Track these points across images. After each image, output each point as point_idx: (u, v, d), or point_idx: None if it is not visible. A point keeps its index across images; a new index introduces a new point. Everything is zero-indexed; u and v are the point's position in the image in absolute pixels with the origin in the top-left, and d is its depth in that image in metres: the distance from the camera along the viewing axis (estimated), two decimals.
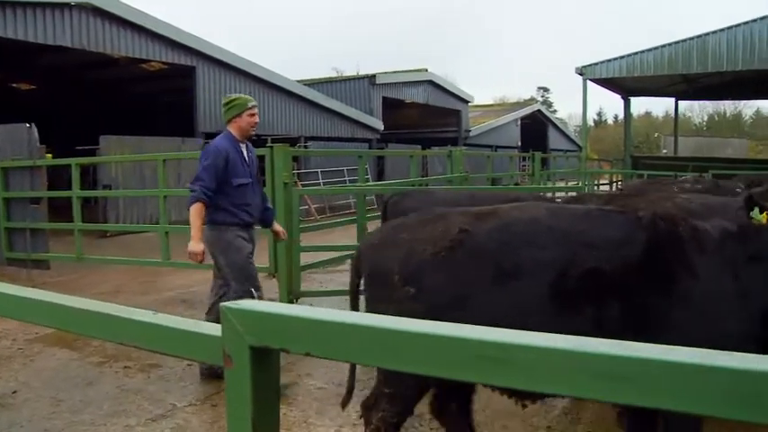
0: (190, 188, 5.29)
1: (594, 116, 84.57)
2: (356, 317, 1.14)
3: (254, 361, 1.17)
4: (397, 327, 1.08)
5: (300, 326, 1.15)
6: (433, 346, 1.03)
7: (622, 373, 0.93)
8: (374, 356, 1.11)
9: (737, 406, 0.89)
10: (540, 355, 0.97)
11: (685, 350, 0.94)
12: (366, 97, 26.49)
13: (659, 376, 0.91)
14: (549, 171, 22.32)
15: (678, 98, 34.99)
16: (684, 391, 0.91)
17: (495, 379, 1.04)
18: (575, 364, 0.95)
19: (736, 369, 0.89)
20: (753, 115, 74.36)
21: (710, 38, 22.19)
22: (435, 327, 1.06)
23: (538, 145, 35.21)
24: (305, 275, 8.86)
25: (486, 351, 1.00)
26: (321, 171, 21.35)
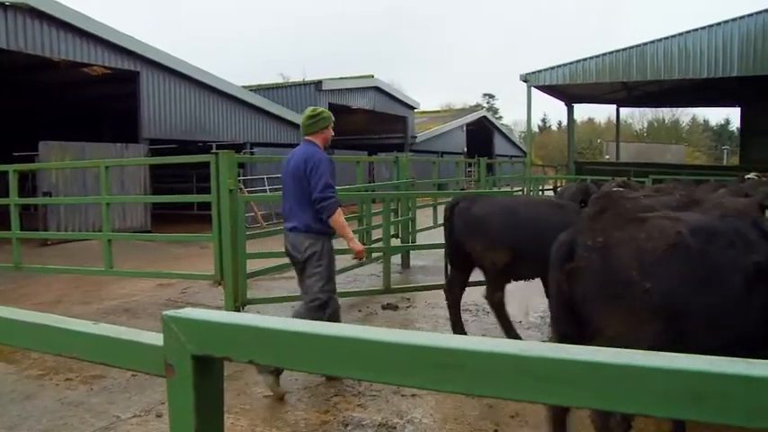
0: (324, 196, 5.34)
1: (539, 122, 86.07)
2: (299, 324, 1.14)
3: (197, 370, 1.15)
4: (342, 334, 1.08)
5: (243, 333, 1.14)
6: (380, 353, 1.04)
7: (564, 376, 0.95)
8: (319, 363, 1.11)
9: (672, 405, 0.91)
10: (487, 360, 0.99)
11: (621, 352, 0.96)
12: (312, 103, 26.33)
13: (597, 378, 0.94)
14: (495, 177, 22.58)
15: (619, 105, 35.83)
16: (620, 392, 0.93)
17: (444, 385, 1.04)
18: (520, 368, 0.97)
19: (667, 369, 0.92)
20: (689, 122, 76.68)
21: (648, 47, 22.81)
22: (381, 333, 1.07)
23: (483, 151, 35.58)
24: (251, 283, 8.78)
25: (435, 357, 1.01)
26: (267, 177, 21.18)
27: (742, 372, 0.89)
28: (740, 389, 0.89)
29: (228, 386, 5.39)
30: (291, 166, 5.60)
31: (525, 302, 8.86)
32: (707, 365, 0.92)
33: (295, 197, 5.52)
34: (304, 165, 5.43)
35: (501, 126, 53.62)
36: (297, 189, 5.49)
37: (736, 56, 21.61)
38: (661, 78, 23.88)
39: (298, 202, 5.49)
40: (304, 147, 5.65)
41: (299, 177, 5.44)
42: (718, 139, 75.20)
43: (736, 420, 0.90)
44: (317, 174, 5.35)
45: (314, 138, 5.67)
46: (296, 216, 5.52)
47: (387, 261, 8.67)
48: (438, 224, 14.41)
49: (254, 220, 18.80)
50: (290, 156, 5.80)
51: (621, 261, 3.58)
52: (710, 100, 35.67)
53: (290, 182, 5.59)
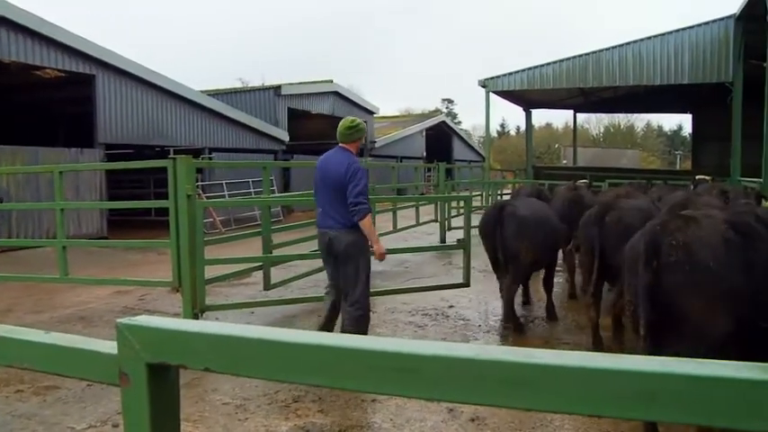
0: (357, 201, 5.87)
1: (498, 127, 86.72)
2: (255, 330, 1.13)
3: (152, 378, 1.14)
4: (299, 340, 1.07)
5: (198, 341, 1.13)
6: (338, 359, 1.04)
7: (522, 379, 0.96)
8: (276, 370, 1.10)
9: (627, 406, 0.93)
10: (445, 364, 0.99)
11: (579, 354, 0.98)
12: (271, 108, 26.31)
13: (555, 380, 0.95)
14: (454, 181, 22.68)
15: (576, 110, 36.39)
16: (577, 394, 0.95)
17: (403, 390, 1.04)
18: (478, 372, 0.98)
19: (621, 370, 0.93)
20: (644, 128, 78.07)
21: (604, 54, 23.20)
22: (338, 339, 1.07)
23: (443, 155, 35.79)
24: (210, 289, 8.71)
25: (393, 363, 1.01)
26: (226, 183, 21.03)
27: (691, 372, 0.92)
28: (689, 388, 0.91)
29: (186, 393, 5.33)
30: (331, 170, 6.10)
31: (485, 307, 8.93)
32: (658, 366, 0.94)
33: (335, 198, 6.04)
34: (345, 169, 5.94)
35: (460, 131, 54.02)
36: (337, 191, 6.00)
37: (687, 64, 22.10)
38: (616, 84, 24.33)
39: (337, 203, 6.03)
40: (341, 153, 6.19)
41: (339, 180, 5.95)
42: (671, 145, 76.72)
43: (686, 419, 0.93)
44: (355, 180, 5.88)
45: (349, 146, 6.23)
46: (333, 216, 6.08)
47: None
48: (398, 229, 14.47)
49: (212, 226, 18.65)
50: (324, 159, 6.35)
51: (701, 255, 4.24)
52: (664, 106, 36.39)
53: (328, 183, 6.11)
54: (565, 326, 7.86)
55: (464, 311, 8.57)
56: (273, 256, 8.94)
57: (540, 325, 7.95)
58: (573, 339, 7.26)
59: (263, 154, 24.44)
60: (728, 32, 21.27)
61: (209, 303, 7.87)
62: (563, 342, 7.19)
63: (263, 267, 8.92)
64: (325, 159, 6.32)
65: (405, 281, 10.53)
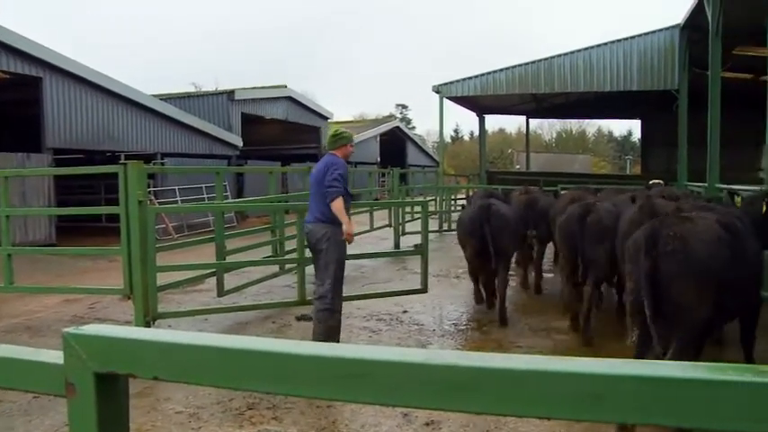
0: (331, 184, 6.39)
1: (451, 133, 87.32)
2: (207, 338, 1.12)
3: (99, 388, 1.12)
4: (250, 347, 1.07)
5: (147, 349, 1.11)
6: (288, 365, 1.03)
7: (473, 383, 0.97)
8: (227, 378, 1.09)
9: (575, 407, 0.95)
10: (395, 369, 1.00)
11: (527, 357, 1.00)
12: (225, 113, 26.07)
13: (504, 384, 0.97)
14: (408, 186, 22.79)
15: (529, 116, 36.82)
16: (526, 396, 0.97)
17: (353, 395, 1.04)
18: (430, 377, 0.99)
19: (569, 372, 0.95)
20: (595, 133, 79.51)
21: (556, 61, 23.56)
22: (289, 346, 1.07)
23: (397, 161, 35.90)
24: (162, 296, 8.60)
25: (343, 368, 1.01)
26: (179, 188, 20.78)
27: (638, 372, 0.94)
28: (637, 389, 0.93)
29: (138, 403, 5.25)
30: (314, 173, 6.72)
31: (439, 311, 8.98)
32: (606, 368, 0.96)
33: (315, 195, 6.62)
34: (324, 168, 6.54)
35: (414, 136, 54.23)
36: (317, 188, 6.55)
37: (636, 71, 22.58)
38: (568, 90, 24.70)
39: (317, 199, 6.60)
40: (327, 157, 6.77)
41: (320, 180, 6.49)
42: (621, 150, 78.15)
43: (634, 419, 0.95)
44: (332, 171, 6.44)
45: (335, 152, 6.77)
46: (313, 210, 6.68)
47: (301, 272, 8.45)
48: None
49: (165, 232, 18.41)
50: (315, 166, 6.94)
51: (695, 247, 4.82)
52: (614, 112, 37.06)
53: (313, 183, 6.69)
54: (519, 329, 7.94)
55: (418, 316, 8.60)
56: (226, 263, 8.86)
57: (495, 328, 8.02)
58: (526, 343, 7.34)
59: (217, 159, 24.21)
60: (674, 42, 21.80)
61: (161, 311, 7.77)
62: (516, 345, 7.26)
63: (217, 274, 8.84)
64: (316, 164, 6.95)
65: (361, 286, 10.53)
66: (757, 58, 19.25)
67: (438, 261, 13.46)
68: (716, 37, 15.55)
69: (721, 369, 0.96)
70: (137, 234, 7.10)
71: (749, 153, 28.74)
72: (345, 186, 6.53)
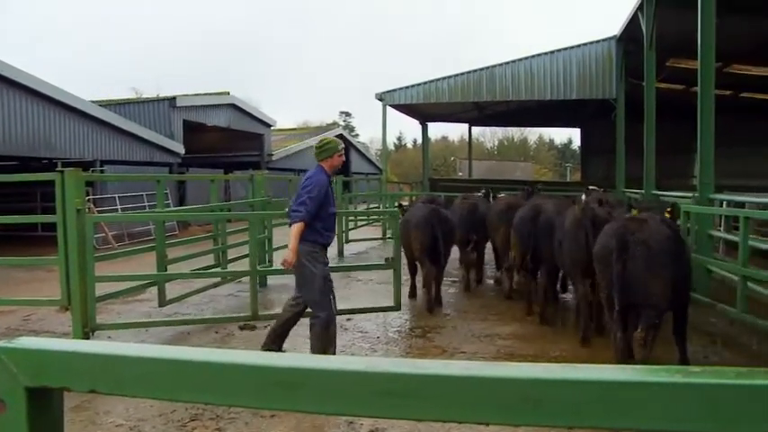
0: (294, 209, 6.31)
1: (395, 140, 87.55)
2: (144, 349, 1.11)
3: (31, 403, 1.09)
4: (187, 357, 1.06)
5: (81, 361, 1.09)
6: (227, 375, 1.03)
7: (411, 390, 0.99)
8: (165, 389, 1.08)
9: (514, 412, 0.98)
10: (335, 377, 1.01)
11: (464, 363, 1.02)
12: (166, 120, 25.67)
13: (445, 390, 0.99)
14: (351, 194, 22.78)
15: (471, 124, 37.25)
16: (466, 402, 0.99)
17: (293, 405, 1.04)
18: (367, 384, 1.00)
19: (508, 378, 0.98)
20: (536, 141, 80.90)
21: (497, 70, 23.89)
22: (227, 355, 1.06)
23: (340, 169, 35.81)
24: (102, 307, 8.42)
25: (283, 377, 1.02)
26: (119, 196, 20.37)
27: (572, 376, 0.97)
28: (571, 392, 0.96)
29: (75, 417, 5.14)
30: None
31: (383, 319, 9.00)
32: (542, 372, 0.99)
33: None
34: (303, 183, 6.45)
35: (357, 144, 54.25)
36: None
37: (575, 81, 23.06)
38: (509, 99, 25.08)
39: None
40: (313, 170, 6.57)
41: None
42: (562, 157, 79.66)
43: (569, 422, 0.98)
44: (302, 191, 6.34)
45: (322, 163, 6.58)
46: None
47: (253, 285, 8.18)
48: None
49: (104, 241, 18.04)
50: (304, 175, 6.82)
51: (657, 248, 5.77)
52: (554, 120, 37.79)
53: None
54: (463, 336, 8.01)
55: (363, 323, 8.61)
56: (167, 274, 8.70)
57: (439, 335, 8.08)
58: (470, 349, 7.41)
59: (158, 167, 23.83)
60: (611, 52, 22.33)
61: (100, 322, 7.61)
62: (460, 351, 7.33)
63: (158, 284, 8.69)
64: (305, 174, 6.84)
65: None
66: (689, 70, 19.87)
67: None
68: (650, 49, 16.03)
69: (654, 371, 1.00)
70: (74, 243, 6.95)
71: (683, 161, 29.59)
72: (316, 207, 6.32)
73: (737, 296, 7.67)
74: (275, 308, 9.61)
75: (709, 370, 0.98)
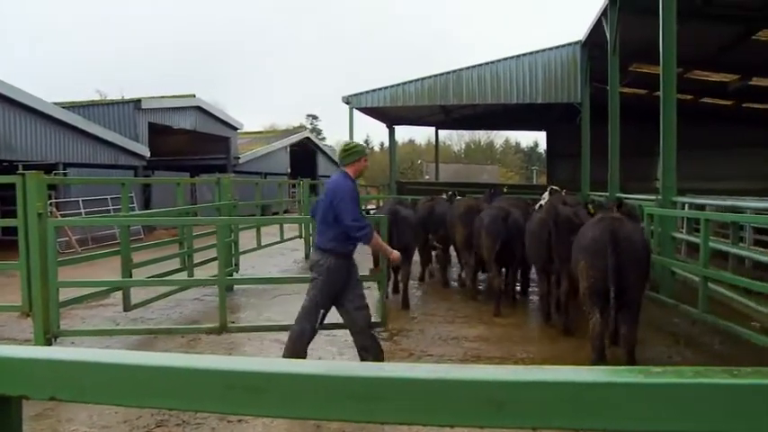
0: (358, 226, 5.93)
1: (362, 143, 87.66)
2: (106, 355, 1.09)
3: None
4: (150, 363, 1.05)
5: (40, 368, 1.07)
6: (190, 380, 1.02)
7: (374, 393, 0.99)
8: (128, 396, 1.07)
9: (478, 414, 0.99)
10: (298, 381, 1.01)
11: (428, 366, 1.02)
12: (131, 122, 25.36)
13: (412, 393, 0.99)
14: (319, 197, 22.75)
15: (438, 127, 37.39)
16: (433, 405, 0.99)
17: (258, 409, 1.04)
18: (331, 388, 1.00)
19: (472, 380, 0.99)
20: (503, 144, 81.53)
21: (464, 73, 24.01)
22: (189, 360, 1.05)
23: (307, 171, 35.78)
24: (65, 312, 8.29)
25: (246, 382, 1.01)
26: (82, 200, 20.09)
27: (535, 378, 0.99)
28: (535, 393, 0.98)
29: (37, 426, 5.05)
30: (326, 191, 6.24)
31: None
32: (506, 374, 1.00)
33: (322, 218, 6.10)
34: (332, 196, 6.02)
35: (324, 147, 54.13)
36: (324, 211, 6.07)
37: (541, 85, 23.27)
38: (476, 102, 25.18)
39: (322, 223, 6.10)
40: (336, 176, 6.27)
41: (327, 204, 6.03)
42: (528, 160, 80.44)
43: (534, 424, 0.99)
44: (344, 203, 5.92)
45: (347, 168, 6.23)
46: (317, 235, 6.21)
47: (222, 294, 7.68)
48: (263, 245, 14.31)
49: (68, 246, 17.78)
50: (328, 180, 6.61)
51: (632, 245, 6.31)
52: (521, 124, 38.05)
53: (320, 208, 6.21)
54: (430, 338, 8.04)
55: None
56: (131, 281, 8.56)
57: (405, 338, 8.09)
58: (437, 351, 7.44)
59: (123, 170, 23.53)
60: (576, 57, 22.58)
61: (63, 328, 7.49)
62: (427, 354, 7.35)
63: (123, 288, 8.58)
64: (328, 181, 6.57)
65: (270, 297, 10.43)
66: (652, 75, 20.18)
67: None
68: (614, 54, 16.25)
69: (617, 372, 1.02)
70: (36, 248, 6.84)
71: (647, 164, 30.00)
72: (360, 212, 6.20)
73: (699, 297, 7.80)
74: (242, 311, 9.57)
75: (669, 370, 1.01)
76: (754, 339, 6.83)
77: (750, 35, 18.33)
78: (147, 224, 19.39)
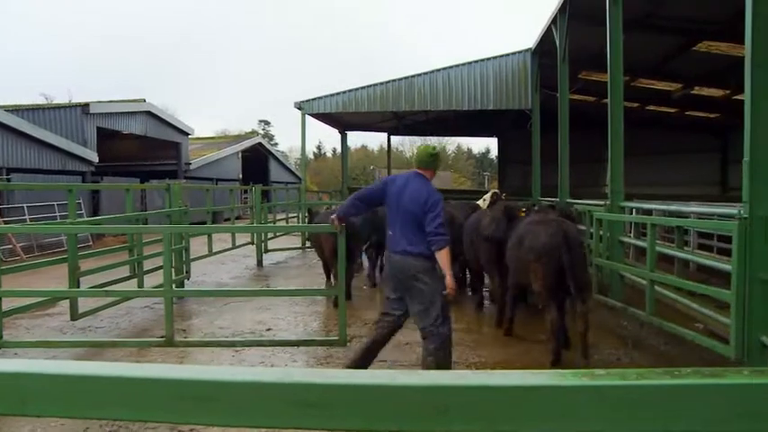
0: (438, 232, 5.83)
1: (314, 149, 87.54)
2: (47, 365, 1.07)
3: None
4: (95, 373, 1.03)
5: None
6: (137, 389, 1.01)
7: (324, 400, 1.00)
8: (71, 407, 1.05)
9: (424, 419, 1.00)
10: (249, 389, 1.00)
11: (376, 373, 1.03)
12: (79, 127, 24.88)
13: (363, 400, 1.00)
14: (270, 203, 22.61)
15: (391, 133, 37.49)
16: (380, 411, 1.00)
17: (209, 418, 1.03)
18: (281, 396, 1.00)
19: (419, 385, 1.00)
20: (455, 150, 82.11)
21: (416, 80, 24.13)
22: (136, 370, 1.04)
23: (259, 177, 35.52)
24: (9, 321, 8.09)
25: (195, 391, 1.01)
26: (27, 206, 19.62)
27: (480, 382, 1.00)
28: (479, 398, 0.99)
29: None
30: (409, 195, 6.00)
31: (303, 328, 8.96)
32: (451, 379, 1.02)
33: (409, 223, 5.95)
34: (425, 199, 5.91)
35: (276, 152, 53.90)
36: (413, 217, 5.92)
37: (492, 91, 23.51)
38: (428, 109, 25.35)
39: (411, 228, 5.94)
40: (420, 180, 6.13)
41: (417, 207, 5.91)
42: (480, 166, 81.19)
43: (480, 427, 1.00)
44: (435, 210, 5.86)
45: (426, 172, 6.20)
46: (406, 241, 5.96)
47: (168, 306, 7.15)
48: (214, 252, 14.17)
49: (12, 253, 17.35)
50: (400, 182, 6.16)
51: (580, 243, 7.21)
52: (472, 130, 38.46)
53: (403, 207, 6.00)
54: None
55: (282, 334, 8.54)
56: (74, 291, 8.29)
57: (359, 343, 8.07)
58: (390, 357, 7.44)
59: (70, 175, 23.07)
60: (527, 64, 22.89)
61: (6, 339, 7.30)
62: (380, 360, 7.34)
63: (68, 298, 8.39)
64: (402, 182, 6.17)
65: (223, 305, 10.32)
66: (600, 83, 20.57)
67: (302, 278, 13.44)
68: (563, 62, 16.52)
69: (561, 375, 1.04)
70: None
71: (596, 170, 30.57)
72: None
73: (646, 300, 7.97)
74: (194, 318, 9.45)
75: (613, 372, 1.03)
76: (697, 340, 7.01)
77: (691, 46, 18.85)
78: (95, 232, 19.03)
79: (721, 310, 7.06)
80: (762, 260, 5.97)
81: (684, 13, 16.43)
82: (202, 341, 7.85)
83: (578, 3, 15.24)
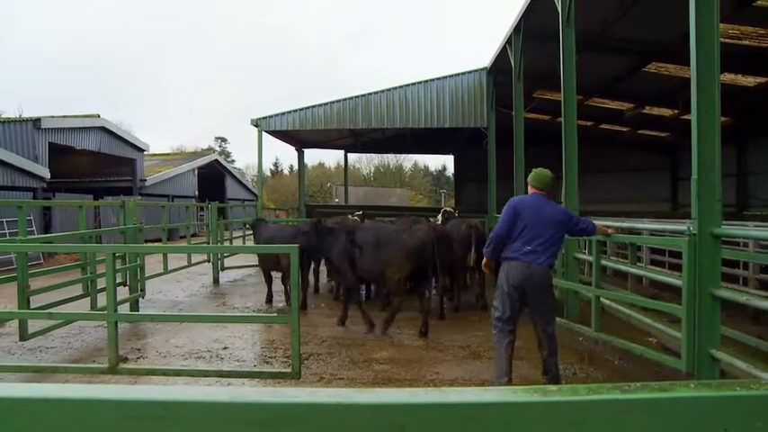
0: (587, 226, 7.15)
1: (271, 166, 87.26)
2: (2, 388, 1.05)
3: None
4: (43, 395, 1.02)
5: None
6: (87, 411, 0.99)
7: (277, 419, 1.00)
8: (16, 430, 1.02)
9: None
10: (200, 409, 1.00)
11: (331, 391, 1.04)
12: (30, 142, 24.41)
13: (313, 418, 1.00)
14: (227, 221, 22.43)
15: (347, 150, 37.53)
16: (334, 429, 1.00)
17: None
18: (234, 415, 1.00)
19: (374, 404, 1.01)
20: (411, 168, 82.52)
21: (373, 97, 24.23)
22: (86, 391, 1.03)
23: (216, 194, 35.26)
24: None
25: (149, 411, 1.00)
26: None
27: (435, 400, 1.01)
28: (431, 415, 1.00)
29: None
30: (550, 214, 6.74)
31: (260, 347, 8.88)
32: (407, 397, 1.03)
33: (551, 238, 6.66)
34: (567, 218, 6.95)
35: (233, 169, 53.50)
36: (556, 233, 6.72)
37: (448, 109, 23.71)
38: (384, 126, 25.45)
39: (551, 242, 6.67)
40: (549, 203, 6.90)
41: (562, 225, 6.81)
42: (436, 183, 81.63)
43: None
44: (580, 224, 7.09)
45: (541, 192, 7.00)
46: (544, 253, 6.61)
47: (112, 329, 6.72)
48: (169, 270, 13.98)
49: None
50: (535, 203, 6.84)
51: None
52: (429, 148, 38.68)
53: (545, 224, 6.67)
54: (340, 361, 8.01)
55: (239, 352, 8.46)
56: (21, 312, 7.90)
57: (316, 362, 8.04)
58: (348, 375, 7.42)
59: (21, 191, 22.58)
60: (482, 82, 23.15)
61: None
62: (338, 378, 7.32)
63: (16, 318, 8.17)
64: (533, 204, 6.83)
65: (178, 324, 10.16)
66: (554, 102, 20.91)
67: (259, 295, 13.35)
68: (518, 81, 16.76)
69: (514, 391, 1.06)
70: None
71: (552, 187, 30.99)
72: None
73: (592, 315, 8.09)
74: (149, 338, 9.30)
75: (564, 388, 1.05)
76: (646, 355, 7.13)
77: (641, 67, 19.31)
78: (46, 250, 18.65)
79: (674, 324, 7.21)
80: (710, 275, 6.11)
81: (634, 35, 16.83)
82: (149, 368, 7.30)
83: (532, 23, 15.51)
